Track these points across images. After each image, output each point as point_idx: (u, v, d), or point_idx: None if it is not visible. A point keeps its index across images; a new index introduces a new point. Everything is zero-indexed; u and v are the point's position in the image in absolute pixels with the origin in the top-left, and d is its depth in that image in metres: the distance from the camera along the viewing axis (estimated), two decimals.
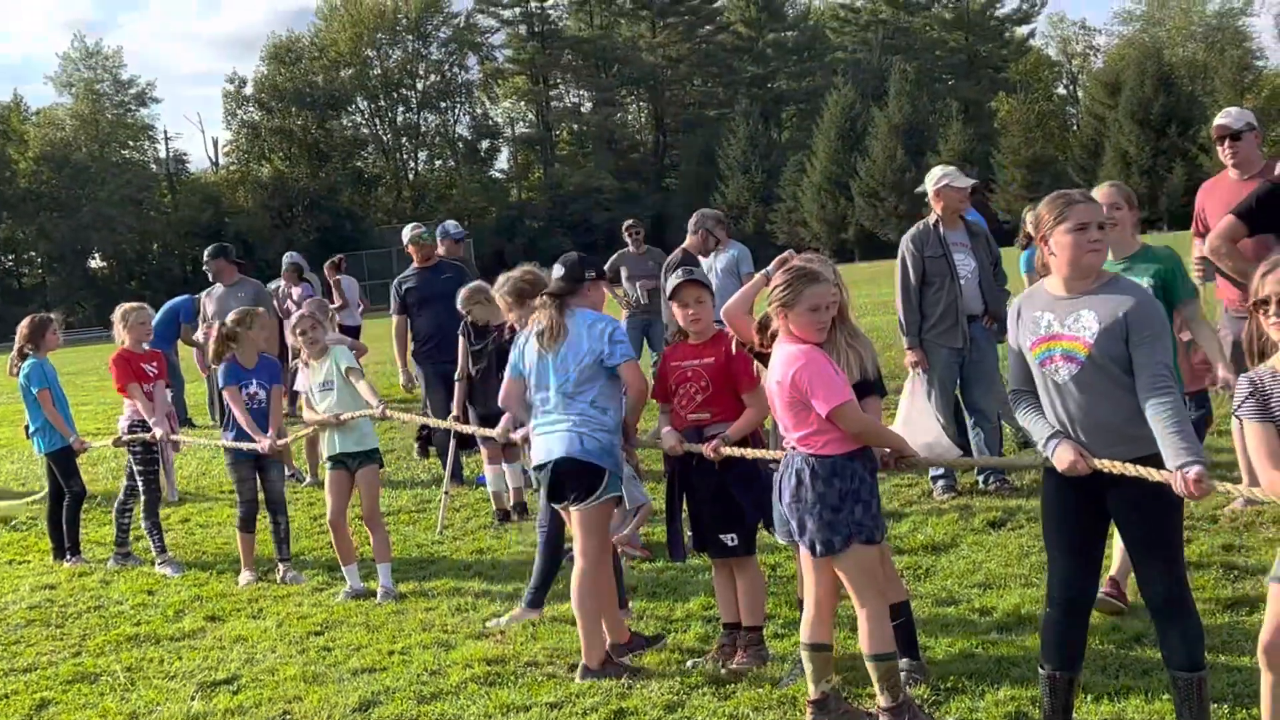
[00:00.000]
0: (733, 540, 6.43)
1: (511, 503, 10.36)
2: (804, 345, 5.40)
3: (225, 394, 9.36)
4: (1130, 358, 4.71)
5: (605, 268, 6.90)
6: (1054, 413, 4.93)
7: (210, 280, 13.96)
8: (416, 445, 13.63)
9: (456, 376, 10.29)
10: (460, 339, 10.25)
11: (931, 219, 9.66)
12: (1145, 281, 6.25)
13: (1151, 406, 4.62)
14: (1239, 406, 4.54)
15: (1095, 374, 4.79)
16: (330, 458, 8.63)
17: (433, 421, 10.34)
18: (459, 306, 10.13)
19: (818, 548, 5.37)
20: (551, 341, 6.57)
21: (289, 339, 9.02)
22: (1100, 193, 6.24)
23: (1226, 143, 8.22)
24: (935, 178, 9.67)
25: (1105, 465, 4.78)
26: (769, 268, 5.88)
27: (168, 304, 17.98)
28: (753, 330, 5.78)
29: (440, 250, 12.44)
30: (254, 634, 7.85)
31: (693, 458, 6.38)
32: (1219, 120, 8.33)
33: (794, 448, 5.45)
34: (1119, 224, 6.42)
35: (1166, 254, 6.59)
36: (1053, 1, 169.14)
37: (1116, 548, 6.32)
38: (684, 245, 13.22)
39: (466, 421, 9.77)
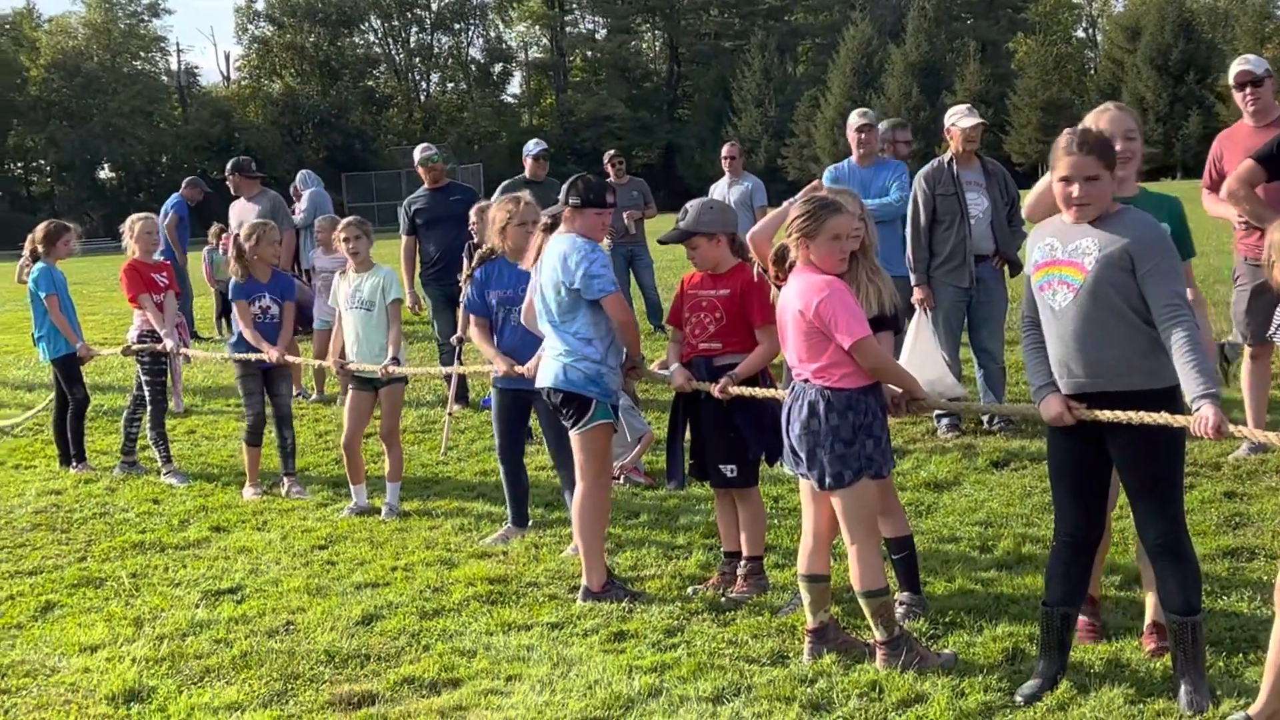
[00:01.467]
0: (733, 471, 6.45)
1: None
2: (826, 276, 5.39)
3: (234, 307, 9.38)
4: (1136, 289, 4.71)
5: (608, 198, 6.68)
6: (1053, 341, 4.94)
7: (231, 193, 13.95)
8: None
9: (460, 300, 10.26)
10: (464, 260, 10.21)
11: (945, 156, 9.64)
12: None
13: (1168, 338, 4.62)
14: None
15: (1091, 302, 4.78)
16: (355, 377, 8.64)
17: (443, 370, 10.23)
18: (471, 225, 10.04)
19: (827, 480, 5.38)
20: (533, 264, 6.68)
21: (337, 245, 8.97)
22: (1108, 118, 5.46)
23: (1248, 89, 8.14)
24: (948, 115, 9.68)
25: (1091, 415, 4.81)
26: (795, 197, 5.85)
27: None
28: (769, 260, 5.76)
29: (525, 171, 12.40)
30: (258, 546, 7.91)
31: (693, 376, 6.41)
32: (1240, 66, 8.25)
33: (806, 380, 5.45)
34: (1132, 157, 5.47)
35: (1169, 204, 5.68)
36: None
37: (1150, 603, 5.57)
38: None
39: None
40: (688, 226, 6.41)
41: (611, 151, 15.65)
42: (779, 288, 5.69)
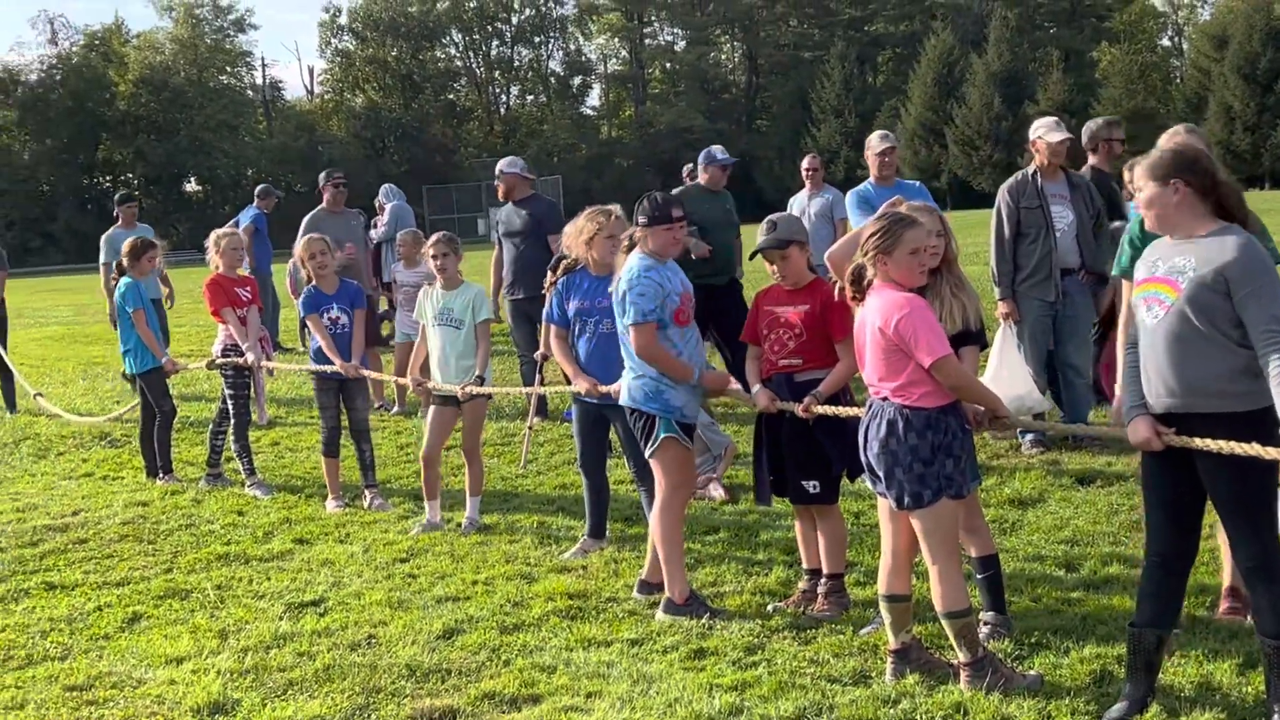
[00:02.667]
0: (814, 487, 6.41)
1: None
2: (907, 293, 5.34)
3: (308, 321, 9.48)
4: (1230, 312, 4.63)
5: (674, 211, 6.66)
6: (1145, 358, 4.88)
7: (325, 202, 13.81)
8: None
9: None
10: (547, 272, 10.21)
11: (1030, 169, 9.53)
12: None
13: (1265, 364, 4.54)
14: None
15: (1181, 322, 4.72)
16: (437, 394, 8.69)
17: (524, 390, 10.25)
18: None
19: (905, 500, 5.33)
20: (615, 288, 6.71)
21: (425, 261, 9.00)
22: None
23: None
24: (1034, 128, 9.58)
25: (1180, 441, 4.76)
26: (874, 217, 5.80)
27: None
28: (846, 277, 5.69)
29: (703, 178, 11.32)
30: (341, 558, 7.97)
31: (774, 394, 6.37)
32: None
33: (885, 398, 5.40)
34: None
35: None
36: None
37: (1226, 558, 5.95)
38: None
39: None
40: (784, 235, 6.38)
41: (690, 166, 15.61)
42: (856, 306, 5.64)
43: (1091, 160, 10.32)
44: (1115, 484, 8.44)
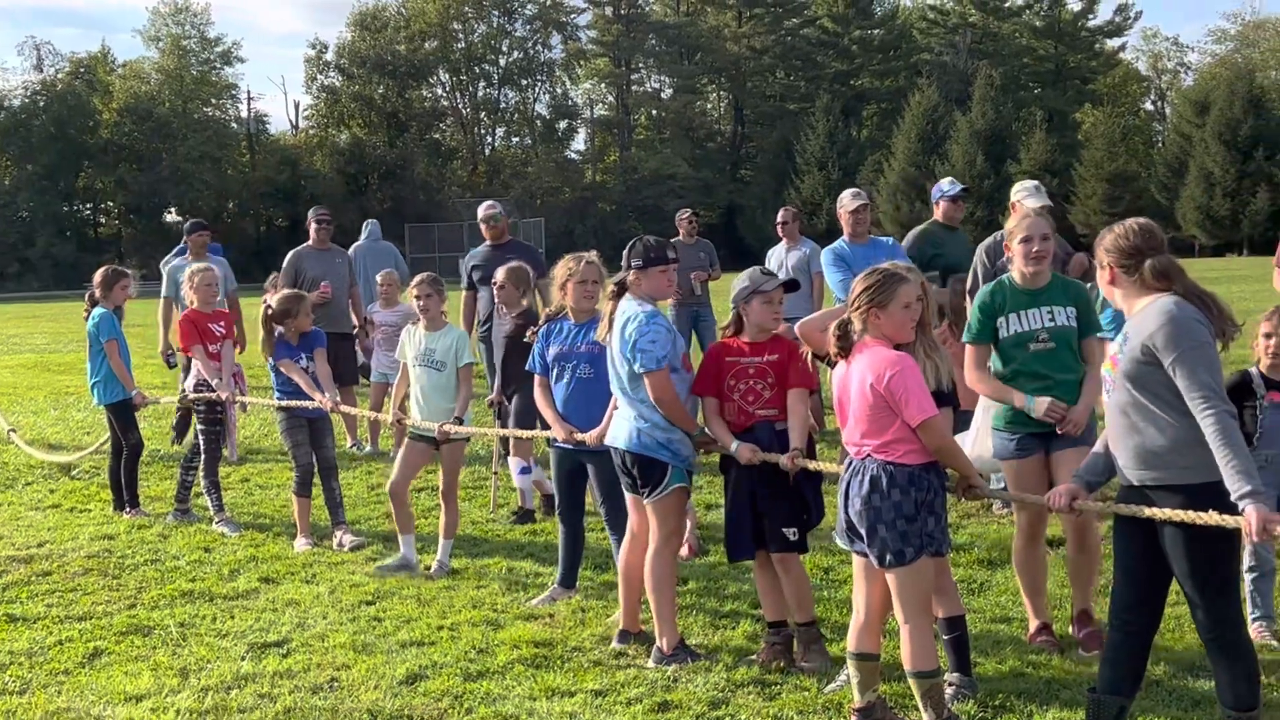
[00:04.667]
0: (794, 535, 6.41)
1: (539, 501, 10.14)
2: (896, 352, 5.37)
3: (280, 367, 9.42)
4: (1167, 380, 4.69)
5: (669, 254, 6.71)
6: (1108, 433, 4.99)
7: (312, 239, 13.61)
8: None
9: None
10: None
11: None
12: (1068, 310, 6.47)
13: (1204, 430, 4.58)
14: None
15: (1122, 394, 4.85)
16: (414, 430, 8.66)
17: (502, 432, 10.21)
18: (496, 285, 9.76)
19: (888, 557, 5.33)
20: (606, 332, 6.66)
21: (412, 302, 8.90)
22: (1028, 223, 6.57)
23: None
24: (1014, 190, 9.62)
25: (1127, 510, 4.88)
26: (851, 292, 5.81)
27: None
28: (830, 338, 5.67)
29: (938, 213, 10.56)
30: (306, 599, 7.92)
31: (756, 445, 6.34)
32: None
33: (868, 455, 5.40)
34: (1047, 254, 6.54)
35: (1074, 288, 6.63)
36: (1146, 16, 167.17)
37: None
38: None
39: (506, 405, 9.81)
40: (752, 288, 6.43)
41: (687, 212, 15.59)
42: (831, 366, 5.67)
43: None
44: None
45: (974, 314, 6.68)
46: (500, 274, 9.52)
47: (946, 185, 10.54)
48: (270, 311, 9.42)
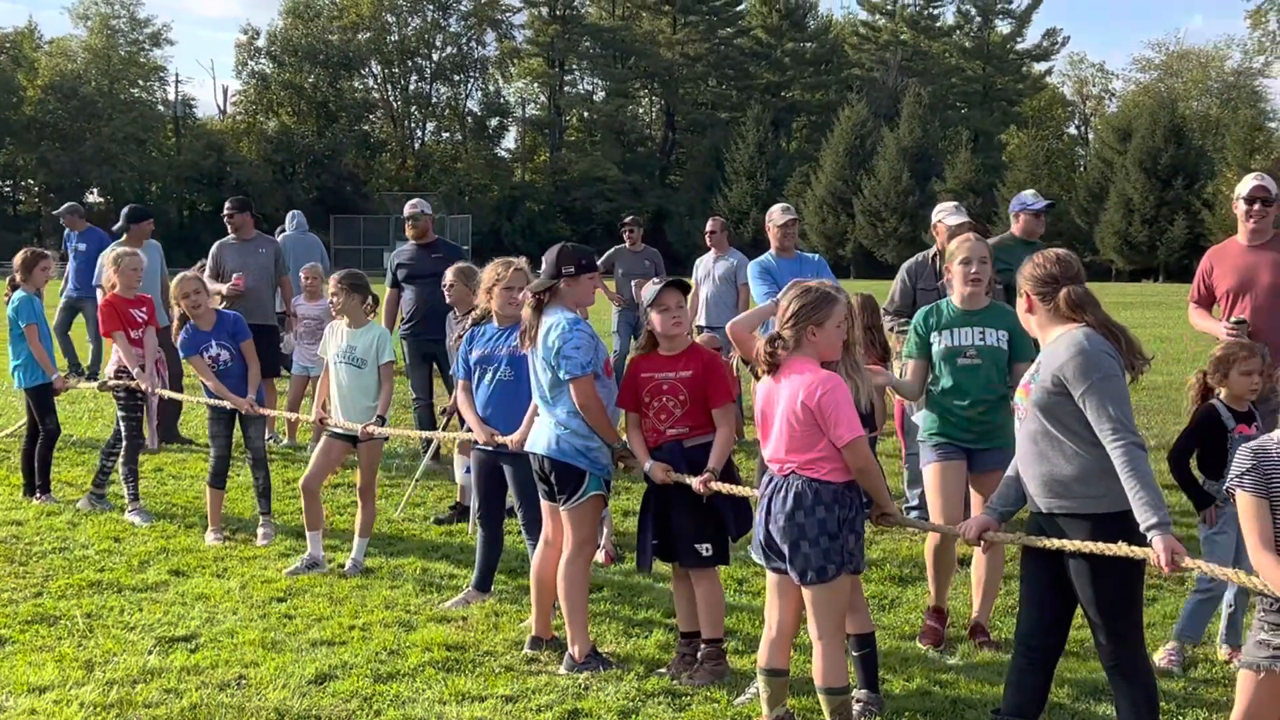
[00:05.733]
0: (707, 550, 6.43)
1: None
2: (827, 371, 5.42)
3: (191, 364, 9.33)
4: (1077, 411, 4.77)
5: (598, 262, 6.80)
6: (1017, 460, 5.04)
7: (230, 231, 13.47)
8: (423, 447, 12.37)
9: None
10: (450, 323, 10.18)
11: (931, 251, 9.68)
12: (1000, 333, 6.74)
13: (1114, 460, 4.67)
14: (1239, 477, 4.45)
15: (1034, 424, 4.94)
16: (332, 428, 8.60)
17: (411, 433, 10.22)
18: (446, 286, 9.80)
19: (809, 574, 5.36)
20: (529, 343, 6.64)
21: (334, 295, 8.80)
22: (968, 246, 6.84)
23: (1256, 205, 7.96)
24: (936, 210, 9.72)
25: (1037, 543, 4.96)
26: (779, 295, 5.85)
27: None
28: (759, 348, 5.71)
29: (1016, 227, 9.96)
30: (216, 593, 7.85)
31: (665, 463, 6.36)
32: (1256, 181, 8.03)
33: (791, 472, 5.44)
34: (983, 278, 6.83)
35: (1009, 315, 6.71)
36: (1074, 41, 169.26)
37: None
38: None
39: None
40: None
41: (628, 217, 15.53)
42: (757, 377, 5.69)
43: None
44: None
45: (911, 332, 6.93)
46: (450, 274, 9.48)
47: (1029, 198, 10.07)
48: (174, 296, 9.35)
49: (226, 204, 13.54)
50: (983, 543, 5.28)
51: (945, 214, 9.59)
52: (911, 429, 9.30)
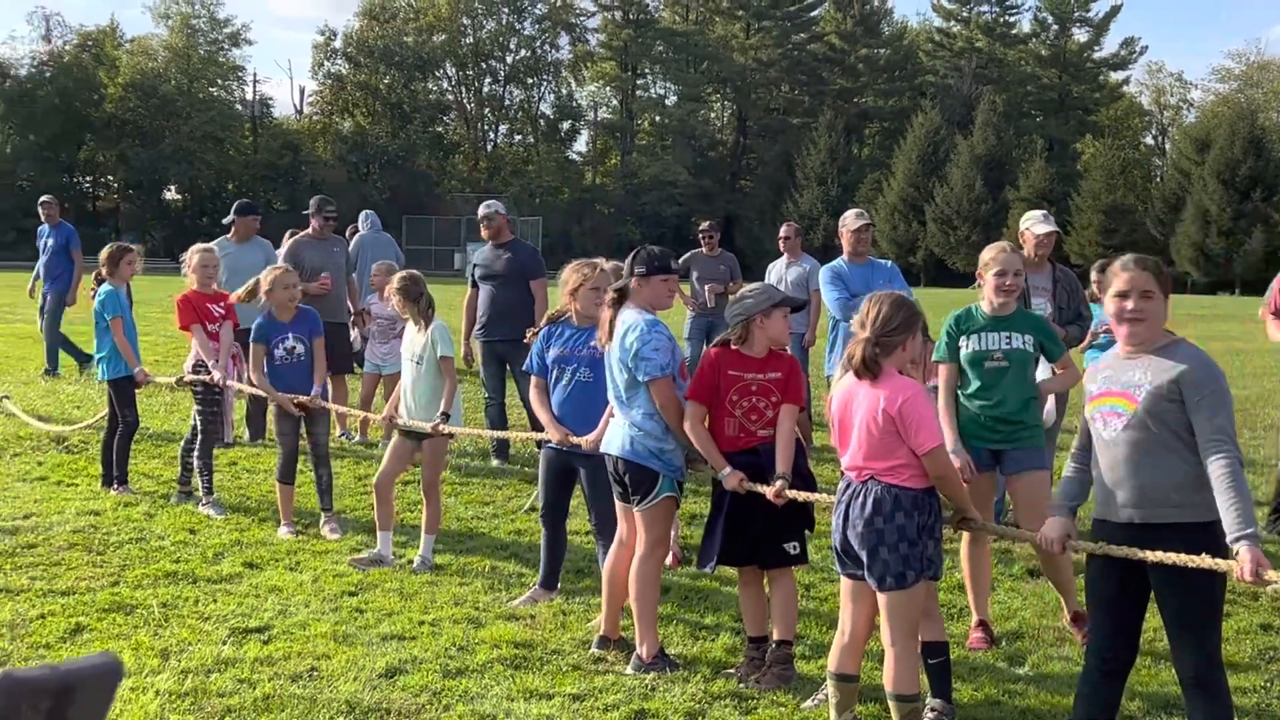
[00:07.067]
0: (795, 548, 6.45)
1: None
2: (907, 379, 5.43)
3: (251, 349, 9.44)
4: (1185, 421, 4.73)
5: (673, 264, 6.82)
6: (1104, 470, 4.97)
7: (317, 228, 13.54)
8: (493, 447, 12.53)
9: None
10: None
11: None
12: (1027, 337, 6.90)
13: (1209, 471, 4.64)
14: None
15: (1140, 432, 4.82)
16: (401, 425, 8.68)
17: (504, 433, 10.31)
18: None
19: (888, 580, 5.35)
20: (605, 342, 6.68)
21: (391, 298, 8.94)
22: (1004, 257, 6.92)
23: None
24: (1024, 219, 9.66)
25: (1123, 552, 4.86)
26: (867, 302, 5.86)
27: None
28: (856, 351, 5.60)
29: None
30: (289, 586, 7.94)
31: (757, 466, 6.35)
32: None
33: (870, 477, 5.43)
34: (1017, 288, 7.00)
35: (1035, 320, 7.14)
36: (1152, 50, 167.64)
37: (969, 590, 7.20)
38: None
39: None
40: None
41: (706, 224, 15.46)
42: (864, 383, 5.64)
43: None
44: None
45: (942, 336, 7.07)
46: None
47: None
48: (264, 284, 9.47)
49: (324, 203, 13.60)
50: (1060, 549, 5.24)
51: (1033, 222, 9.52)
52: None
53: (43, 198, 18.16)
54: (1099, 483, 5.02)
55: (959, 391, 7.00)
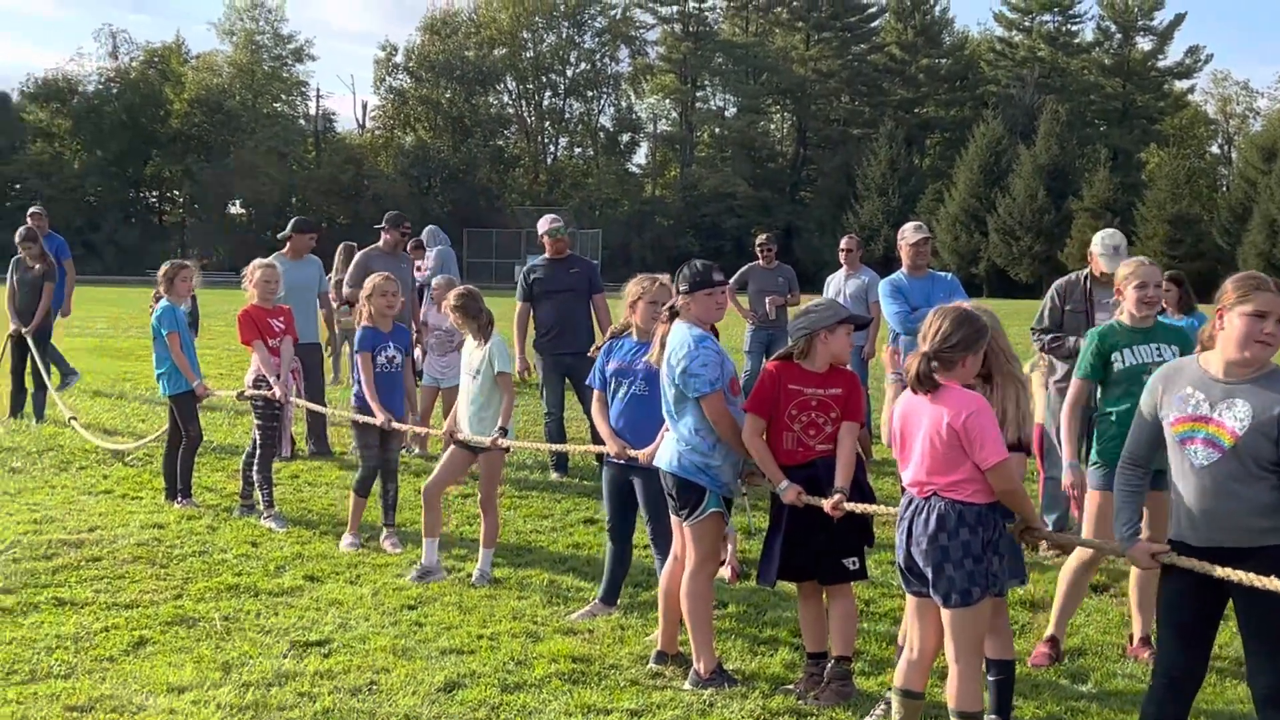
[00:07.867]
0: (854, 564, 6.40)
1: None
2: (972, 393, 5.35)
3: (358, 359, 9.51)
4: (1274, 451, 4.64)
5: (729, 280, 6.83)
6: (1184, 494, 4.86)
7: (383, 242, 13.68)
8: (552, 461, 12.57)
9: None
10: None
11: (1084, 272, 9.53)
12: (1173, 348, 6.85)
13: None
14: None
15: (1235, 465, 4.73)
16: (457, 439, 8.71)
17: (558, 447, 10.39)
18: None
19: (953, 597, 5.29)
20: (657, 359, 6.72)
21: (447, 313, 9.03)
22: (1144, 269, 7.01)
23: None
24: (1094, 241, 9.52)
25: (1223, 573, 4.74)
26: (931, 316, 5.79)
27: None
28: (915, 365, 5.52)
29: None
30: (350, 599, 7.98)
31: (814, 480, 6.31)
32: None
33: (933, 493, 5.38)
34: (1158, 300, 7.09)
35: (1179, 332, 7.12)
36: (1217, 59, 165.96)
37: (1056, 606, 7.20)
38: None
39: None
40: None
41: (764, 236, 15.40)
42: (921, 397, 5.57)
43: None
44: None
45: (1087, 353, 6.96)
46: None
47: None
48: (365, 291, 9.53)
49: (400, 219, 13.73)
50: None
51: (1100, 249, 9.33)
52: (1052, 451, 9.18)
53: (31, 209, 17.87)
54: (1179, 505, 4.93)
55: (1110, 408, 6.89)
